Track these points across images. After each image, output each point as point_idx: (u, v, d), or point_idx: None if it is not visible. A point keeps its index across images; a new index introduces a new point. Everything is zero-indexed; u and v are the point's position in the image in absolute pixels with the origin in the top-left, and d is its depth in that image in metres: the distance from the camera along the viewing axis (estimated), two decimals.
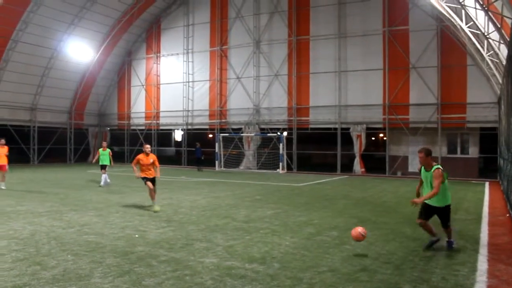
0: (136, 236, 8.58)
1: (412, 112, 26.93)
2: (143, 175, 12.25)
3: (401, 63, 26.96)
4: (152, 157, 12.26)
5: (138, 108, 37.48)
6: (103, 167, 18.44)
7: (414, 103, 26.79)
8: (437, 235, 7.71)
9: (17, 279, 5.81)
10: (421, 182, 7.98)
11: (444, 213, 7.66)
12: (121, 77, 38.44)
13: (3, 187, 16.50)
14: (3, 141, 17.30)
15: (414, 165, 25.99)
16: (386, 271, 6.39)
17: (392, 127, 27.55)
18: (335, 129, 29.02)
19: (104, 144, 19.64)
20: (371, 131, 29.50)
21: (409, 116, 27.01)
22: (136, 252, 7.26)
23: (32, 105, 33.66)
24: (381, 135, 34.70)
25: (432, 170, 7.51)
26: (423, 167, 7.80)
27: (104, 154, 18.61)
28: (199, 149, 29.60)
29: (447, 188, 7.67)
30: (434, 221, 7.85)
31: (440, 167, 7.53)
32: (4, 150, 17.05)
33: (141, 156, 12.19)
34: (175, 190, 17.09)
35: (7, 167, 17.05)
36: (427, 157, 7.68)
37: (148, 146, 12.40)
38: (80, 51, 33.21)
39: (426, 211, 7.68)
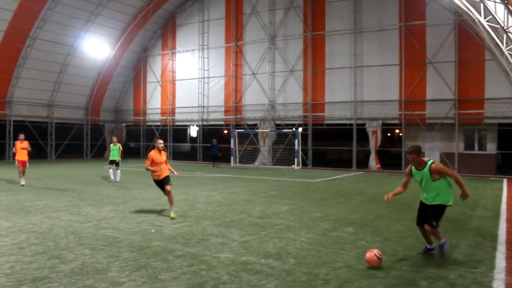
0: (152, 231, 8.66)
1: (429, 107, 26.58)
2: (154, 177, 10.68)
3: (417, 58, 26.62)
4: (164, 154, 10.72)
5: (154, 104, 37.70)
6: (114, 162, 18.52)
7: (431, 98, 26.43)
8: (434, 245, 7.05)
9: (37, 272, 5.93)
10: (405, 184, 7.26)
11: (435, 209, 6.81)
12: (137, 74, 38.69)
13: (22, 183, 16.45)
14: (22, 136, 17.07)
15: None
16: (402, 267, 6.36)
17: (408, 123, 27.26)
18: (351, 125, 28.80)
19: (115, 139, 19.59)
20: (387, 127, 29.29)
21: (425, 111, 26.65)
22: (152, 247, 7.33)
23: (49, 102, 34.11)
24: (397, 131, 34.49)
25: (429, 167, 6.77)
26: (413, 168, 7.03)
27: (115, 149, 18.64)
28: (215, 146, 29.49)
29: (449, 184, 6.86)
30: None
31: (434, 161, 6.91)
32: (24, 144, 16.76)
33: (153, 154, 10.52)
34: (190, 185, 17.17)
35: (27, 163, 16.80)
36: (418, 156, 6.92)
37: (161, 141, 10.77)
38: (96, 48, 33.46)
39: (423, 213, 7.01)
